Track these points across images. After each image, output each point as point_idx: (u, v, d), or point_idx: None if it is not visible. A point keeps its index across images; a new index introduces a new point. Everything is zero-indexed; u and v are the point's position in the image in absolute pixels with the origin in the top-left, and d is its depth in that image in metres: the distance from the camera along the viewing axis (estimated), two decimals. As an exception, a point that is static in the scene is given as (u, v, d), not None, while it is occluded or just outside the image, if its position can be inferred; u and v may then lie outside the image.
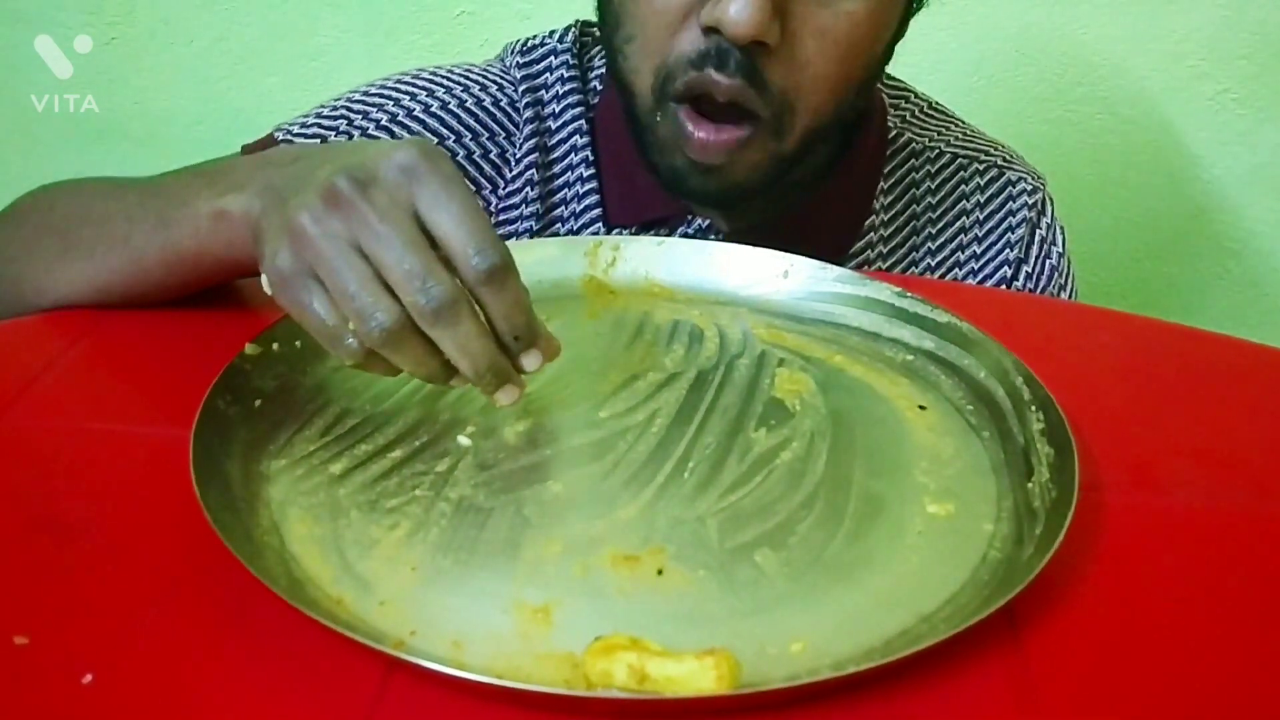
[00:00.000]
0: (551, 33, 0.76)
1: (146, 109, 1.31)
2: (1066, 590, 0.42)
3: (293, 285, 0.45)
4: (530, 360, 0.47)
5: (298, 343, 0.52)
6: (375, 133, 0.72)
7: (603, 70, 0.75)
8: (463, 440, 0.49)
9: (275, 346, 0.52)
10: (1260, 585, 0.44)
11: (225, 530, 0.40)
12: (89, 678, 0.36)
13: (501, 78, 0.75)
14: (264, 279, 0.47)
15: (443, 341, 0.44)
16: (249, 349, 0.51)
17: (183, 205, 0.53)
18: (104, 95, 1.28)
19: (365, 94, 0.74)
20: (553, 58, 0.75)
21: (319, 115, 0.74)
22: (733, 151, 0.63)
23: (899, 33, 0.68)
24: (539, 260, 0.61)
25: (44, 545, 0.42)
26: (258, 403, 0.50)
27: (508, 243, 0.66)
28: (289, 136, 0.73)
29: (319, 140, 0.72)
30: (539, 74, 0.74)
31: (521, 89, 0.74)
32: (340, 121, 0.72)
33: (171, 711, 0.35)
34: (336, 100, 0.74)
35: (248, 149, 0.72)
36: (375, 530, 0.44)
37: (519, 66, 0.75)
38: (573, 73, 0.74)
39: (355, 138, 0.71)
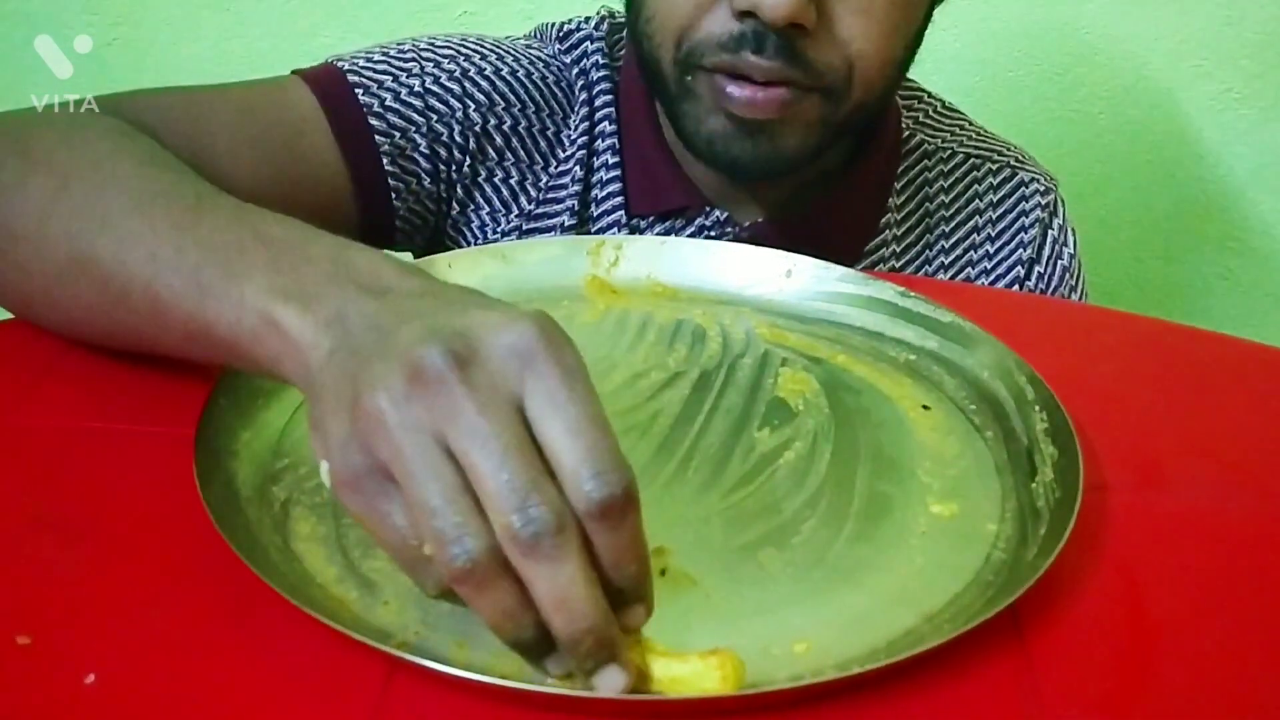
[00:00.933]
0: (587, 19, 0.76)
1: (147, 109, 1.31)
2: (1070, 590, 0.42)
3: (366, 489, 0.35)
4: (634, 616, 0.36)
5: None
6: (448, 83, 0.70)
7: (621, 63, 0.75)
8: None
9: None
10: (1264, 585, 0.44)
11: (228, 530, 0.40)
12: (91, 678, 0.36)
13: (555, 60, 0.74)
14: (323, 470, 0.36)
15: (537, 582, 0.33)
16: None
17: (230, 279, 0.41)
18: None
19: (432, 43, 0.72)
20: (588, 44, 0.74)
21: (385, 54, 0.70)
22: (785, 106, 0.62)
23: (926, 19, 0.68)
24: (542, 259, 0.61)
25: (46, 545, 0.42)
26: (259, 402, 0.49)
27: (504, 243, 0.66)
28: (355, 69, 0.68)
29: (389, 78, 0.69)
30: (579, 59, 0.74)
31: (573, 73, 0.74)
32: (412, 64, 0.70)
33: (174, 712, 0.35)
34: (400, 43, 0.72)
35: (302, 75, 0.68)
36: (378, 530, 0.43)
37: (562, 52, 0.75)
38: (606, 60, 0.74)
39: (426, 84, 0.69)
